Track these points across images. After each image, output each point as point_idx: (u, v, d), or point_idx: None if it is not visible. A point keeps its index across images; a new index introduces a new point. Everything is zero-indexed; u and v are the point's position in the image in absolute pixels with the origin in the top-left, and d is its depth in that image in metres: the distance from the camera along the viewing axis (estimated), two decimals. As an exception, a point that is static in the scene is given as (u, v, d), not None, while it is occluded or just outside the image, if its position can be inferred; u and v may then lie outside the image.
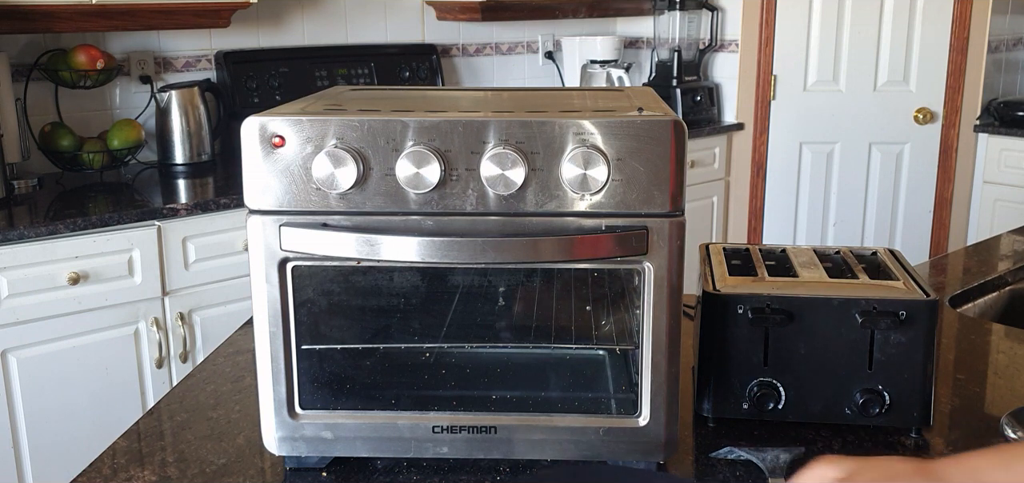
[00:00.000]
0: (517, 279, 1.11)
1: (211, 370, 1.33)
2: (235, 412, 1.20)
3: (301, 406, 1.02)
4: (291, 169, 0.95)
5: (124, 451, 1.11)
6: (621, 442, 1.02)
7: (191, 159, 2.92)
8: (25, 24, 2.49)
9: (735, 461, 1.06)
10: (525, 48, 3.90)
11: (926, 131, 3.73)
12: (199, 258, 2.46)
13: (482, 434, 1.02)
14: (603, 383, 1.16)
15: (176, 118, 2.89)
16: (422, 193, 0.94)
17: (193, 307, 2.47)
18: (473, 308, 1.13)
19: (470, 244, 0.94)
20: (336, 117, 0.94)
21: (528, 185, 0.94)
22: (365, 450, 1.04)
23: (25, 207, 2.44)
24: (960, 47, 3.63)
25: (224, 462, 1.07)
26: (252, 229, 0.97)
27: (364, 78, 3.31)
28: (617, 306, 1.12)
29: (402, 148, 0.93)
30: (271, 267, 0.98)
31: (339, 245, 0.95)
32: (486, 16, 3.45)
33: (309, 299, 1.03)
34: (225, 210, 2.48)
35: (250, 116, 0.94)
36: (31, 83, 2.76)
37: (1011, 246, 2.00)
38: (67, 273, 2.25)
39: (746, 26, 3.74)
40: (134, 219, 2.34)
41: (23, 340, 2.23)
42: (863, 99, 3.73)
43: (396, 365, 1.16)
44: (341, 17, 3.37)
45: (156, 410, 1.22)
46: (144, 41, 2.98)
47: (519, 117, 0.94)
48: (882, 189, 3.82)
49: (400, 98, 1.15)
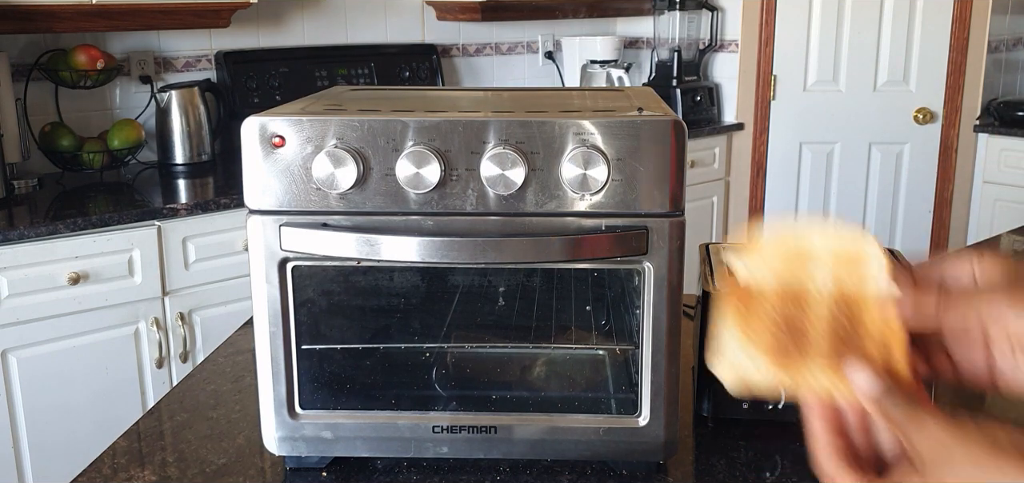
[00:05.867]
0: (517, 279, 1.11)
1: (211, 370, 1.33)
2: (235, 412, 1.19)
3: (301, 406, 1.02)
4: (291, 169, 0.95)
5: (124, 451, 1.11)
6: (621, 442, 1.02)
7: (191, 159, 2.92)
8: (25, 24, 2.49)
9: (735, 461, 1.06)
10: (525, 48, 3.90)
11: (926, 131, 3.74)
12: (199, 258, 2.46)
13: (482, 434, 1.02)
14: (603, 383, 1.16)
15: (176, 118, 2.89)
16: (422, 193, 0.94)
17: (193, 307, 2.47)
18: (473, 308, 1.13)
19: (470, 244, 0.94)
20: (336, 117, 0.94)
21: (528, 185, 0.94)
22: (365, 450, 1.04)
23: (25, 207, 2.44)
24: (960, 47, 3.63)
25: (224, 462, 1.07)
26: (252, 229, 0.97)
27: (364, 78, 3.31)
28: (617, 306, 1.12)
29: (402, 148, 0.93)
30: (271, 267, 0.98)
31: (339, 245, 0.95)
32: (486, 16, 3.45)
33: (309, 299, 1.03)
34: (225, 210, 2.48)
35: (250, 116, 0.94)
36: (31, 83, 2.76)
37: (1011, 246, 2.00)
38: (67, 273, 2.25)
39: (746, 26, 3.73)
40: (134, 219, 2.34)
41: (23, 340, 2.23)
42: (863, 99, 3.73)
43: (396, 365, 1.16)
44: (341, 17, 3.37)
45: (156, 410, 1.22)
46: (144, 41, 2.98)
47: (519, 117, 0.94)
48: (882, 189, 3.82)
49: (400, 98, 1.15)
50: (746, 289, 0.62)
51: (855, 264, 0.61)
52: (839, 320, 0.60)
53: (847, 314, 0.60)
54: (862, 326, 0.60)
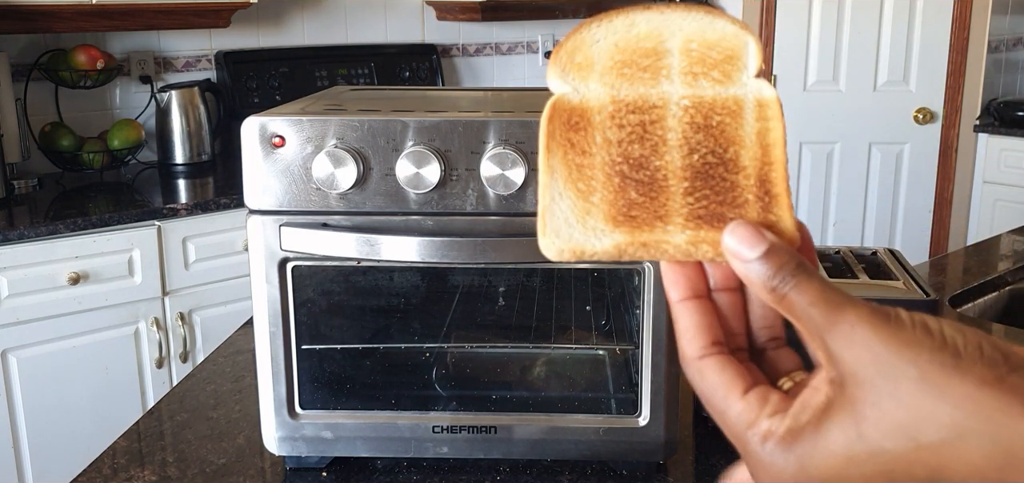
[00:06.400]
0: (517, 279, 1.11)
1: (211, 370, 1.33)
2: (235, 412, 1.19)
3: (301, 406, 1.02)
4: (291, 169, 0.95)
5: (124, 451, 1.11)
6: (621, 442, 1.02)
7: (191, 159, 2.92)
8: (25, 24, 2.49)
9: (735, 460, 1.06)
10: (525, 48, 3.89)
11: (926, 131, 3.73)
12: (199, 258, 2.46)
13: (482, 434, 1.02)
14: (603, 383, 1.16)
15: (176, 118, 2.89)
16: (422, 193, 0.94)
17: (193, 307, 2.47)
18: (473, 308, 1.13)
19: (470, 244, 0.94)
20: (336, 117, 0.94)
21: (528, 185, 0.94)
22: (365, 450, 1.03)
23: (25, 207, 2.44)
24: (960, 47, 3.63)
25: (224, 462, 1.07)
26: (252, 229, 0.97)
27: (364, 78, 3.31)
28: (617, 306, 1.12)
29: (402, 148, 0.93)
30: (271, 267, 0.98)
31: (339, 245, 0.95)
32: (486, 16, 3.45)
33: (309, 299, 1.03)
34: (225, 210, 2.48)
35: (250, 116, 0.94)
36: (31, 83, 2.76)
37: (1011, 246, 2.00)
38: (67, 273, 2.25)
39: (746, 26, 3.73)
40: (134, 219, 2.34)
41: (23, 340, 2.23)
42: (863, 99, 3.73)
43: (396, 365, 1.16)
44: (341, 17, 3.37)
45: (156, 410, 1.22)
46: (144, 41, 2.98)
47: (519, 117, 0.94)
48: (882, 189, 3.82)
49: (400, 98, 1.15)
50: (575, 117, 0.45)
51: (723, 66, 0.45)
52: (701, 150, 0.44)
53: (713, 140, 0.44)
54: (733, 158, 0.44)
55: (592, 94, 0.45)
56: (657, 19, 0.44)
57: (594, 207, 0.44)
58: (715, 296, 0.45)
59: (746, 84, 0.44)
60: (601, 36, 0.45)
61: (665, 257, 0.44)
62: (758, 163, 0.44)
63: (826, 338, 0.38)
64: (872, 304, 0.38)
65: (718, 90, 0.44)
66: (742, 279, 0.42)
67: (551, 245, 0.46)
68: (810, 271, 0.40)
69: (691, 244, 0.43)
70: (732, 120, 0.44)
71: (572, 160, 0.45)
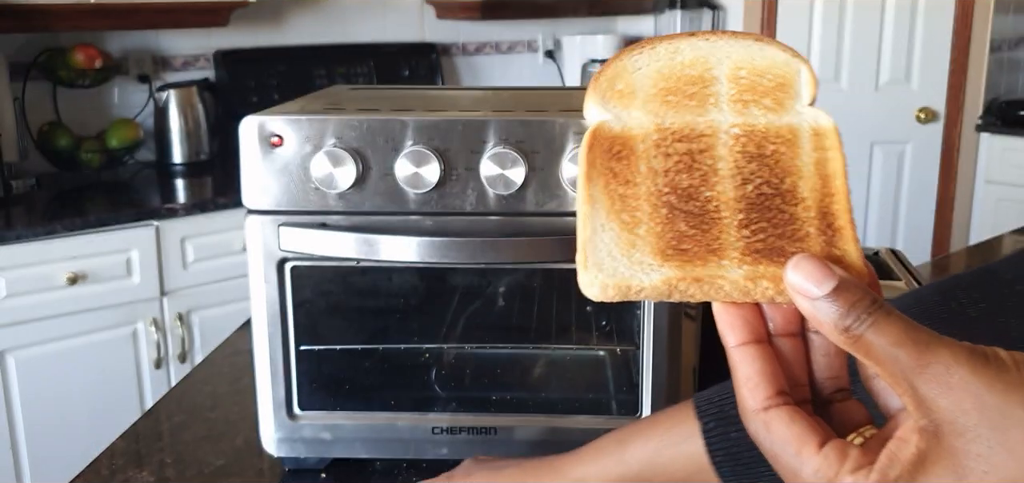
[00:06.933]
0: (517, 279, 1.10)
1: (209, 371, 1.33)
2: (233, 413, 1.19)
3: (300, 407, 1.02)
4: (289, 169, 0.94)
5: (122, 452, 1.10)
6: (622, 444, 1.01)
7: (189, 159, 2.91)
8: (23, 23, 2.48)
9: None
10: (525, 47, 3.89)
11: (928, 130, 3.73)
12: (197, 258, 2.45)
13: (482, 435, 1.01)
14: (603, 383, 1.15)
15: (174, 117, 2.88)
16: (421, 193, 0.94)
17: (191, 307, 2.46)
18: (473, 308, 1.13)
19: (470, 244, 0.93)
20: (335, 116, 0.93)
21: (528, 185, 0.93)
22: (364, 451, 1.03)
23: (23, 207, 2.43)
24: (962, 46, 3.62)
25: (222, 463, 1.06)
26: (250, 229, 0.96)
27: (363, 77, 3.30)
28: (617, 306, 1.11)
29: (401, 147, 0.93)
30: (269, 267, 0.97)
31: (338, 245, 0.94)
32: (486, 15, 3.44)
33: (308, 299, 1.03)
34: (223, 210, 2.47)
35: (248, 115, 0.94)
36: (29, 82, 2.75)
37: (1013, 246, 1.99)
38: (65, 273, 2.24)
39: (747, 25, 3.73)
40: (132, 219, 2.33)
41: (21, 340, 2.23)
42: (864, 98, 3.73)
43: (395, 366, 1.15)
44: (340, 16, 3.36)
45: (154, 411, 1.21)
46: (142, 40, 2.97)
47: (519, 116, 0.93)
48: (884, 189, 3.81)
49: (399, 97, 1.14)
50: (617, 146, 0.43)
51: (775, 93, 0.43)
52: (756, 180, 0.42)
53: (768, 170, 0.42)
54: (791, 189, 0.42)
55: (635, 122, 0.43)
56: (703, 46, 0.43)
57: (640, 239, 0.41)
58: (776, 341, 0.41)
59: (801, 112, 0.43)
60: (643, 63, 0.43)
61: (721, 296, 0.41)
62: (818, 194, 0.42)
63: (916, 382, 0.35)
64: (966, 344, 0.35)
65: (771, 118, 0.42)
66: (809, 319, 0.38)
67: (594, 280, 0.42)
68: (888, 309, 0.36)
69: (749, 280, 0.40)
70: (788, 149, 0.42)
71: (615, 190, 0.42)
